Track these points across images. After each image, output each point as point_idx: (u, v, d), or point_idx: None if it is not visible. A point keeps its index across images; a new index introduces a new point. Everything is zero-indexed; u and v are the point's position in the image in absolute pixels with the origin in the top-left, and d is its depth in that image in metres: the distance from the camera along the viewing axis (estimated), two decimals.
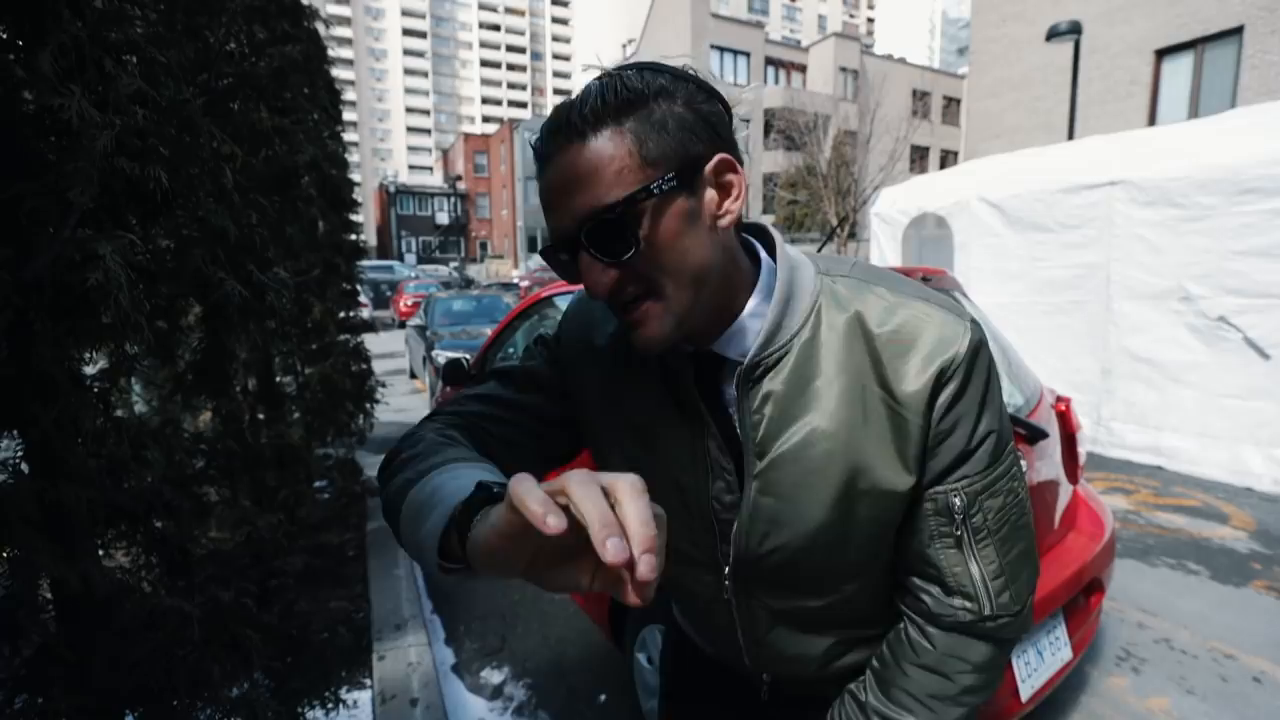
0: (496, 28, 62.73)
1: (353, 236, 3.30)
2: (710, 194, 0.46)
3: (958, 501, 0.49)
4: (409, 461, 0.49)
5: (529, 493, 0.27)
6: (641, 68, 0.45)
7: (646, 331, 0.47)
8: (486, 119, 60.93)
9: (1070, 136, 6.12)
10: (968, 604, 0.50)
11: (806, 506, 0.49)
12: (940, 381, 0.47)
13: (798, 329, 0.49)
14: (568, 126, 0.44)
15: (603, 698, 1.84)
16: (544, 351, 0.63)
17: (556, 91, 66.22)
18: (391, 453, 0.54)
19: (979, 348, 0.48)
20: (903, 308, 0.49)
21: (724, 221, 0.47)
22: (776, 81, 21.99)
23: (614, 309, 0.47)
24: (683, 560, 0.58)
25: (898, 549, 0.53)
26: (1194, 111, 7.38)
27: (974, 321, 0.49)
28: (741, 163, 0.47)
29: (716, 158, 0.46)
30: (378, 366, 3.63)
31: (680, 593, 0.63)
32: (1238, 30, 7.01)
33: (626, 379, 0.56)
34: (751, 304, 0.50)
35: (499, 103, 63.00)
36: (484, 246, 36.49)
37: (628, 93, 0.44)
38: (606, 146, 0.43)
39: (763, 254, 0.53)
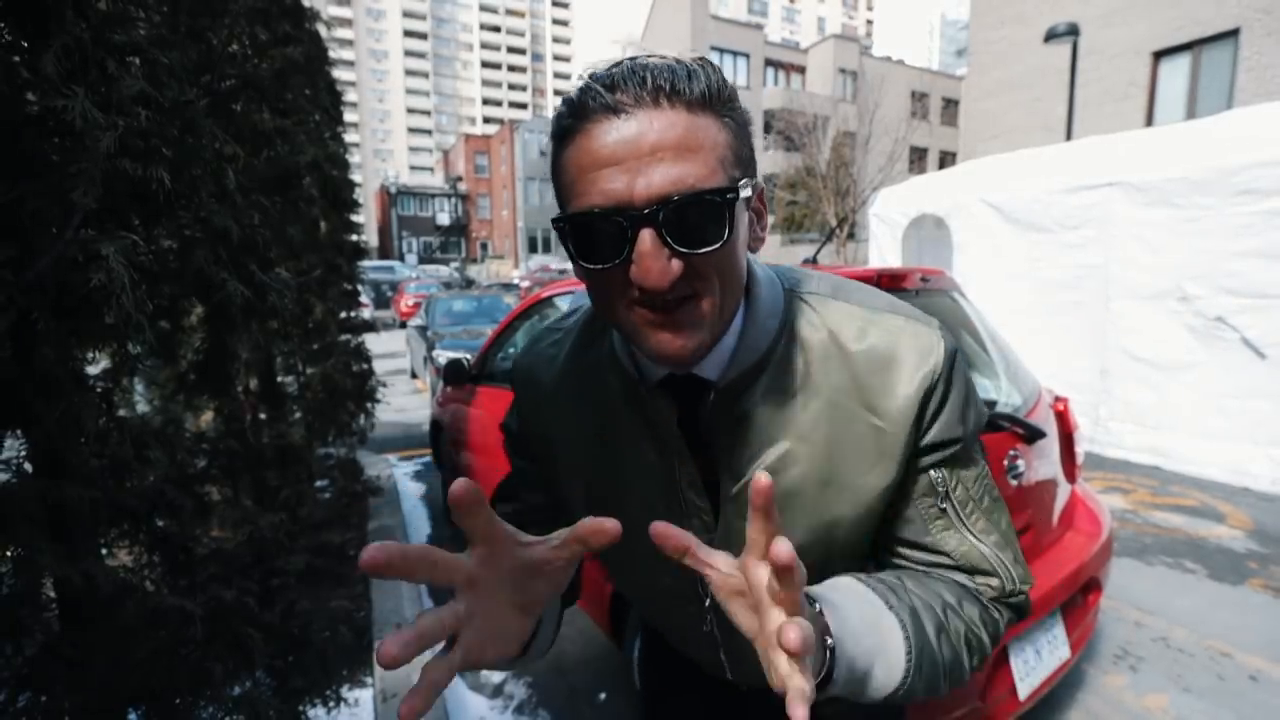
0: (497, 29, 62.77)
1: (354, 237, 3.31)
2: (750, 215, 0.45)
3: (941, 477, 0.49)
4: None
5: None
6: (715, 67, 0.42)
7: (684, 337, 0.42)
8: (487, 120, 60.97)
9: (1068, 137, 6.14)
10: (991, 580, 0.50)
11: (784, 530, 0.44)
12: (927, 396, 0.46)
13: (768, 348, 0.48)
14: (672, 89, 0.38)
15: (602, 696, 1.84)
16: (512, 448, 0.62)
17: (557, 92, 66.19)
18: None
19: (955, 355, 0.48)
20: (876, 323, 0.48)
21: (756, 247, 0.46)
22: (776, 83, 22.02)
23: (650, 307, 0.41)
24: (665, 594, 0.56)
25: (904, 554, 0.51)
26: (1191, 113, 7.40)
27: (943, 327, 0.49)
28: None
29: (759, 182, 0.44)
30: (379, 366, 3.63)
31: (663, 622, 0.62)
32: (1234, 32, 7.04)
33: (600, 421, 0.53)
34: (733, 324, 0.47)
35: (499, 103, 63.04)
36: (485, 247, 36.49)
37: (727, 90, 0.41)
38: (713, 128, 0.40)
39: None
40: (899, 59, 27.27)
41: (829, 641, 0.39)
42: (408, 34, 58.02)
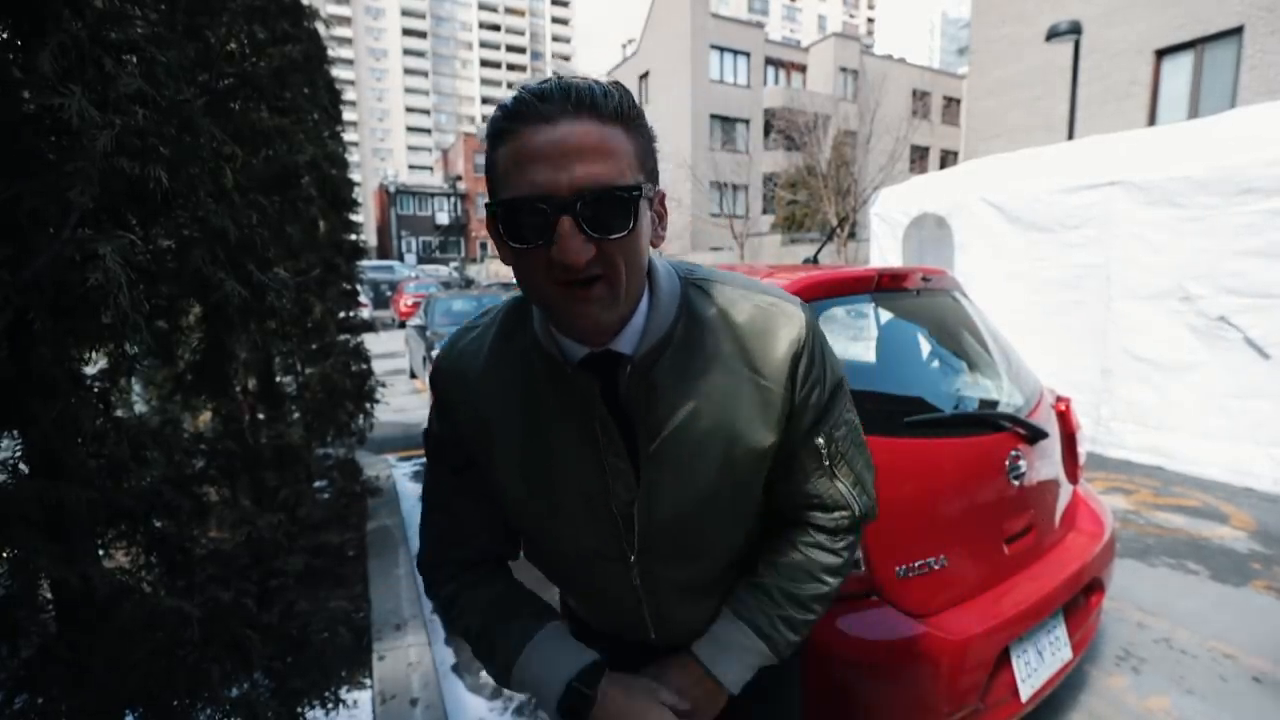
0: (496, 28, 62.71)
1: (353, 236, 3.30)
2: (652, 215, 0.54)
3: (822, 442, 0.62)
4: (482, 635, 0.64)
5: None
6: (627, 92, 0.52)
7: (596, 311, 0.50)
8: (486, 119, 60.80)
9: (1070, 136, 6.12)
10: (844, 513, 0.65)
11: (695, 475, 0.58)
12: (797, 357, 0.58)
13: (670, 326, 0.57)
14: (591, 103, 0.47)
15: None
16: (437, 452, 0.67)
17: None
18: (445, 604, 0.67)
19: (815, 324, 0.60)
20: (754, 301, 0.59)
21: (657, 243, 0.56)
22: (776, 81, 21.97)
23: (566, 284, 0.49)
24: (592, 557, 0.64)
25: (784, 493, 0.65)
26: (1194, 111, 7.38)
27: (803, 303, 0.61)
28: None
29: (661, 189, 0.54)
30: (378, 366, 3.63)
31: (587, 591, 0.68)
32: (1238, 30, 7.01)
33: (525, 401, 0.60)
34: (639, 306, 0.56)
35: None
36: (484, 246, 36.45)
37: (636, 109, 0.51)
38: (622, 139, 0.49)
39: None
40: (900, 57, 27.20)
41: (723, 687, 0.63)
42: (407, 32, 57.95)
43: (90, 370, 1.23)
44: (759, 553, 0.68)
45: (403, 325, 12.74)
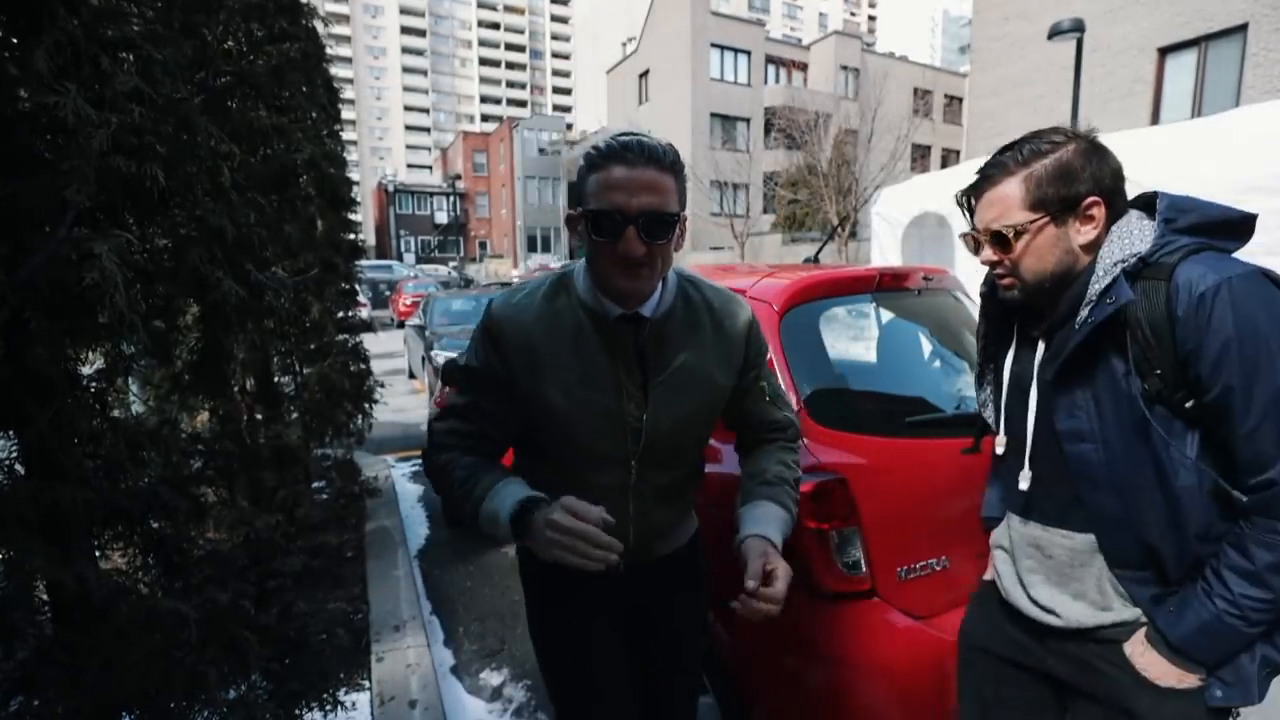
0: (496, 26, 62.66)
1: (351, 236, 3.29)
2: (679, 230, 0.83)
3: (765, 385, 0.99)
4: (467, 479, 0.88)
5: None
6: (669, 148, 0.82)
7: (642, 284, 0.82)
8: (485, 118, 60.87)
9: None
10: (790, 428, 1.02)
11: (685, 399, 0.90)
12: (750, 333, 0.95)
13: (673, 302, 0.89)
14: (653, 157, 0.79)
15: None
16: (487, 355, 0.88)
17: (556, 90, 66.18)
18: (443, 464, 0.91)
19: (753, 315, 0.96)
20: (720, 294, 0.94)
21: (679, 248, 0.84)
22: (777, 80, 21.93)
23: (626, 265, 0.79)
24: (605, 459, 0.89)
25: (749, 422, 1.01)
26: (1198, 110, 7.36)
27: (748, 305, 0.97)
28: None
29: (685, 213, 0.84)
30: (376, 366, 3.62)
31: (592, 491, 0.85)
32: (1242, 28, 6.99)
33: (570, 343, 0.86)
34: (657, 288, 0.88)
35: (498, 101, 62.96)
36: (483, 246, 36.45)
37: (680, 162, 0.82)
38: (669, 182, 0.80)
39: None
40: (902, 55, 27.16)
41: (777, 544, 0.88)
42: (405, 31, 57.89)
43: (87, 370, 1.23)
44: (744, 470, 1.00)
45: (401, 325, 12.73)
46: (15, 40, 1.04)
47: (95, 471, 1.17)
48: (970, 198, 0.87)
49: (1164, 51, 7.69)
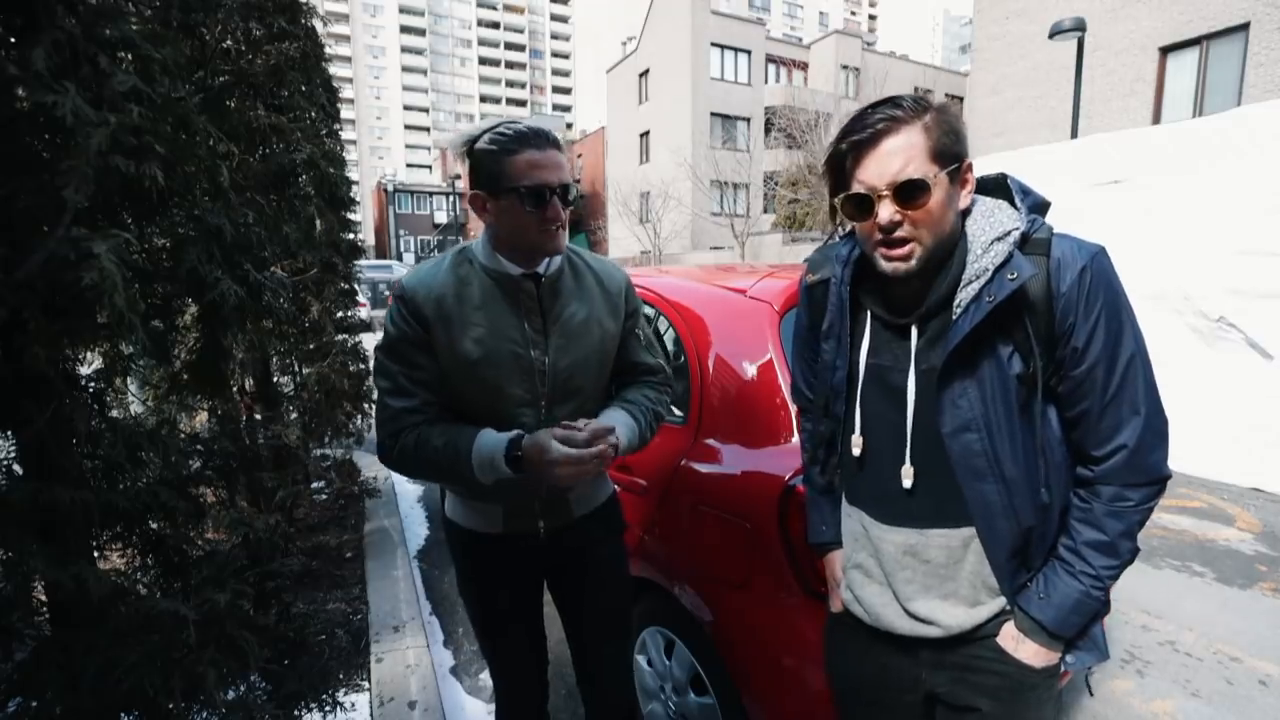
0: (495, 25, 62.60)
1: (350, 235, 3.28)
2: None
3: (639, 334, 1.15)
4: (446, 445, 0.97)
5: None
6: None
7: (560, 239, 0.99)
8: (485, 117, 60.66)
9: (1074, 135, 6.09)
10: (659, 375, 1.18)
11: (580, 343, 1.05)
12: (627, 290, 1.13)
13: (560, 265, 1.05)
14: (553, 140, 0.98)
15: None
16: (403, 321, 0.99)
17: (556, 89, 66.09)
18: (413, 444, 0.99)
19: (630, 281, 1.15)
20: (601, 260, 1.14)
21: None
22: (777, 79, 21.89)
23: (552, 227, 0.97)
24: (518, 402, 1.01)
25: (620, 362, 1.13)
26: (1199, 109, 7.35)
27: (623, 269, 1.17)
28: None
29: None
30: None
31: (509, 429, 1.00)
32: (1244, 27, 6.98)
33: (478, 302, 1.00)
34: None
35: (498, 101, 62.89)
36: None
37: (564, 144, 1.02)
38: (564, 158, 0.99)
39: None
40: (902, 55, 27.09)
41: (616, 439, 0.98)
42: (405, 30, 57.83)
43: (85, 370, 1.22)
44: (619, 402, 1.11)
45: None
46: (13, 39, 1.04)
47: (94, 472, 1.16)
48: (850, 158, 0.74)
49: (1165, 51, 7.68)
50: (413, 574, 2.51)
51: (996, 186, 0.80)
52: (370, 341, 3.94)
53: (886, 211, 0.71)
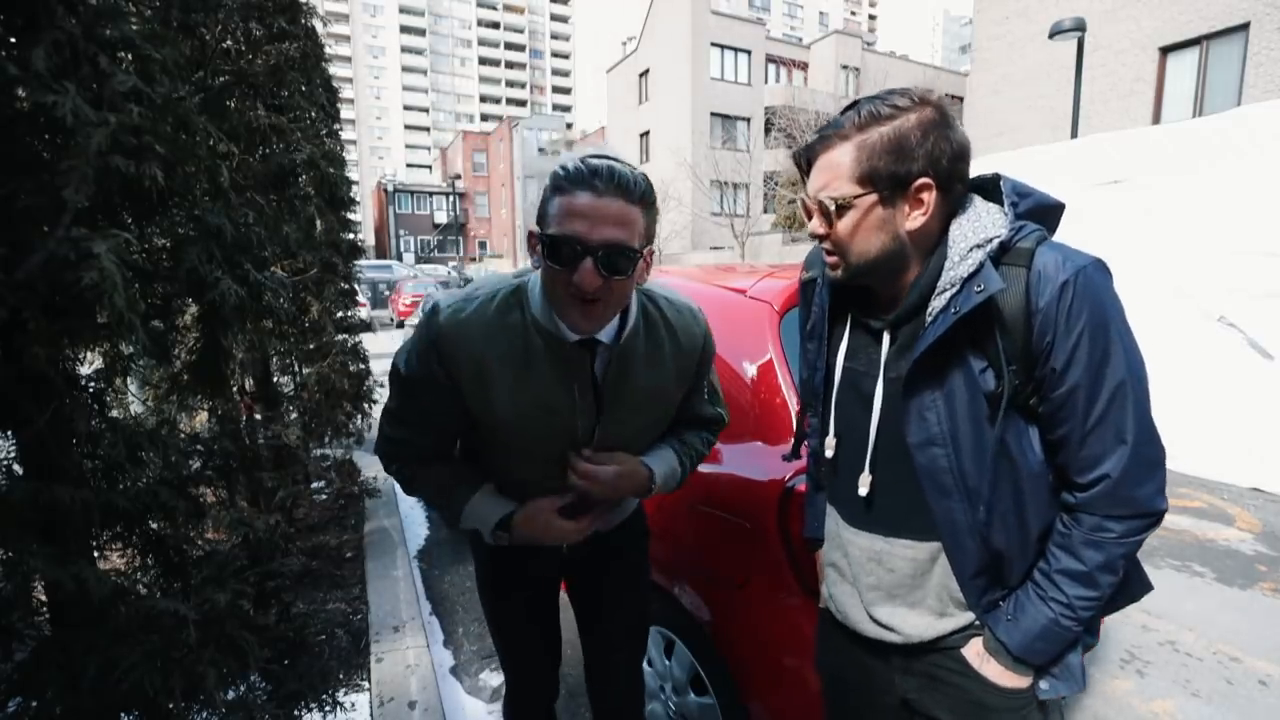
0: (495, 25, 62.59)
1: (350, 235, 3.28)
2: (642, 264, 0.82)
3: (708, 385, 1.06)
4: (441, 490, 0.96)
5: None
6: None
7: (593, 320, 0.82)
8: (485, 117, 60.81)
9: (1074, 135, 6.09)
10: (718, 423, 1.10)
11: (636, 418, 0.95)
12: (705, 347, 0.98)
13: (631, 326, 0.88)
14: (623, 187, 0.76)
15: None
16: (433, 363, 0.86)
17: (556, 89, 66.09)
18: (408, 476, 0.98)
19: (709, 328, 1.00)
20: (679, 308, 0.96)
21: (642, 280, 0.86)
22: (777, 79, 21.90)
23: (579, 298, 0.78)
24: (550, 461, 0.92)
25: (685, 416, 1.05)
26: (1199, 109, 7.35)
27: (701, 311, 0.99)
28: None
29: (651, 247, 0.83)
30: (376, 367, 3.61)
31: (535, 486, 0.96)
32: (1244, 27, 6.98)
33: (522, 363, 0.85)
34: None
35: (498, 101, 62.89)
36: (483, 245, 36.44)
37: (652, 194, 0.80)
38: (636, 214, 0.78)
39: None
40: (902, 55, 27.10)
41: (653, 470, 0.98)
42: (405, 30, 57.81)
43: (85, 370, 1.22)
44: (673, 440, 1.05)
45: (401, 325, 12.73)
46: (13, 39, 1.04)
47: (94, 472, 1.16)
48: (805, 159, 0.75)
49: (1165, 51, 7.68)
50: (413, 574, 2.51)
51: (995, 189, 0.77)
52: (370, 341, 3.94)
53: (813, 224, 0.74)
